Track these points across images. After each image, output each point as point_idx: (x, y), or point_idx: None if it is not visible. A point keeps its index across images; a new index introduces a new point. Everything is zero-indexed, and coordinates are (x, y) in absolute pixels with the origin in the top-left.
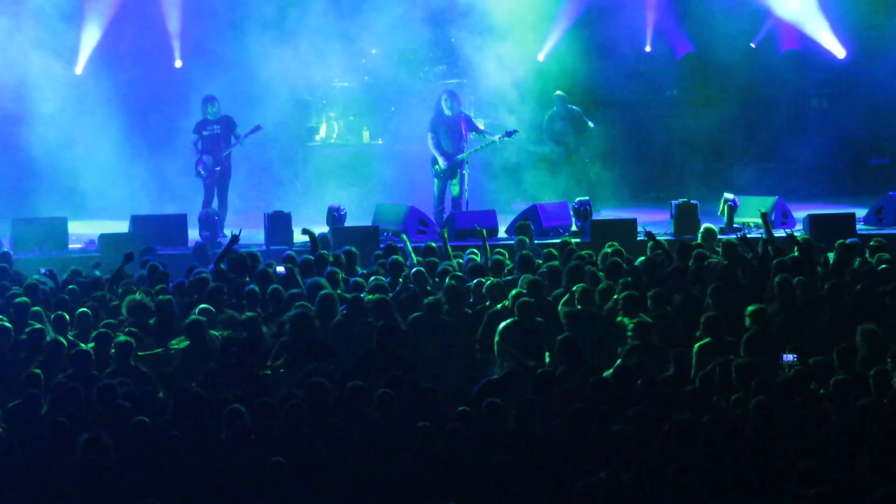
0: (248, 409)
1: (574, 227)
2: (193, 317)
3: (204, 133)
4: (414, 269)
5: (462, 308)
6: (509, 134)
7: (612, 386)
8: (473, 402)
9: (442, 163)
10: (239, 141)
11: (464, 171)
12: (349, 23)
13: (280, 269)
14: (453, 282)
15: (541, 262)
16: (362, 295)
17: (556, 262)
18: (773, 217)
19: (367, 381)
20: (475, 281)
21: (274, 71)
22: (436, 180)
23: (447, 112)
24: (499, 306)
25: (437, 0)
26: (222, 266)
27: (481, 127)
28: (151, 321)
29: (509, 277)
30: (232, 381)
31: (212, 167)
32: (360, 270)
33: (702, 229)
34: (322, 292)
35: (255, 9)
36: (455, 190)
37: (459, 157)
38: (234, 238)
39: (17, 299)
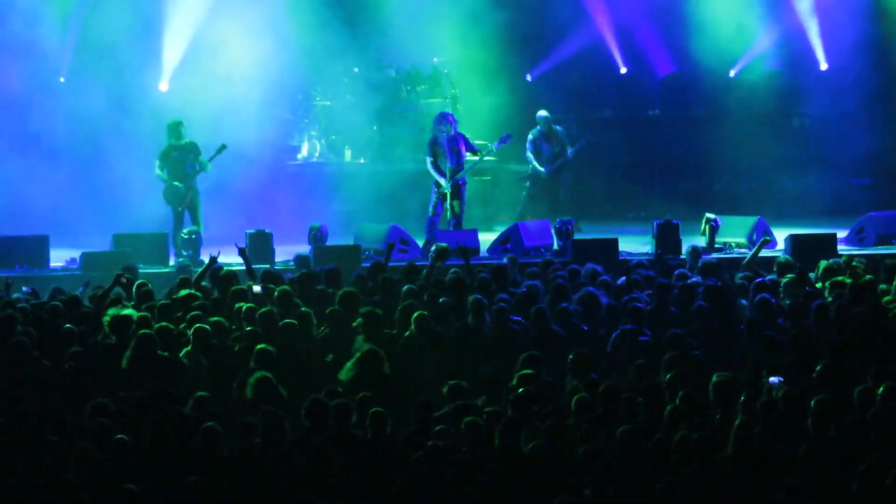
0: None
1: (556, 247)
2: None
3: (171, 160)
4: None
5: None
6: (503, 140)
7: (597, 404)
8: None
9: (445, 184)
10: (202, 168)
11: (464, 190)
12: (332, 41)
13: (256, 288)
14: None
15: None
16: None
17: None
18: (754, 237)
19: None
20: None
21: (255, 89)
22: (434, 198)
23: (443, 133)
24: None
25: (420, 20)
26: (203, 284)
27: (478, 144)
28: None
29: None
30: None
31: (184, 193)
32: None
33: (688, 249)
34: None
35: (238, 28)
36: (457, 207)
37: (457, 175)
38: (213, 260)
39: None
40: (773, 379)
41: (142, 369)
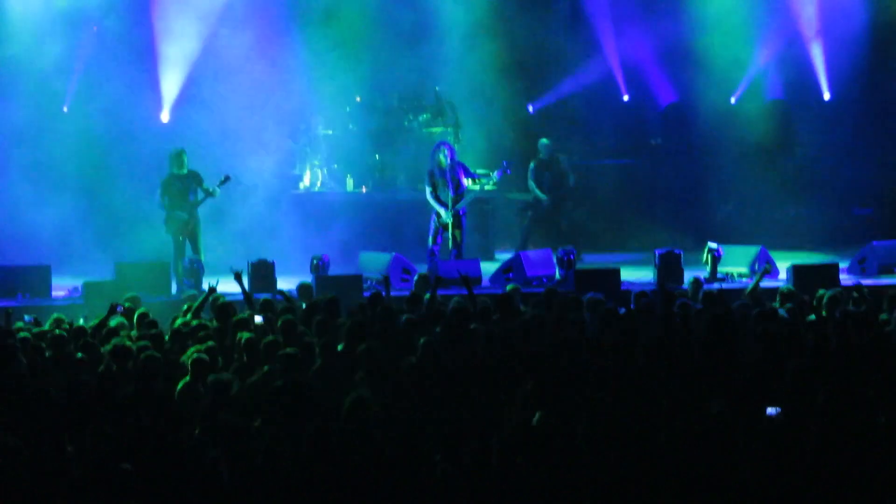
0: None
1: (558, 276)
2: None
3: (173, 189)
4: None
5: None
6: (503, 170)
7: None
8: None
9: (444, 215)
10: (209, 195)
11: (465, 220)
12: (334, 70)
13: (258, 318)
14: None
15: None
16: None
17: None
18: (756, 266)
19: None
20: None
21: (258, 118)
22: (434, 228)
23: (443, 164)
24: None
25: (421, 46)
26: (202, 316)
27: (478, 172)
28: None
29: None
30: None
31: (185, 222)
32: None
33: (690, 279)
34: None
35: (238, 56)
36: (458, 237)
37: (458, 205)
38: (212, 290)
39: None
40: (770, 410)
41: (141, 401)
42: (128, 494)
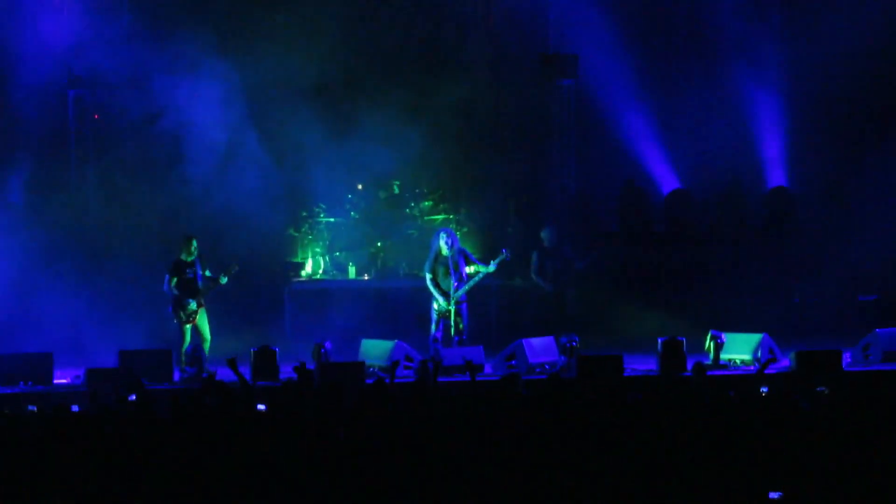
0: None
1: (560, 363)
2: None
3: (183, 276)
4: None
5: None
6: (502, 259)
7: None
8: None
9: (442, 303)
10: (217, 283)
11: (465, 307)
12: (336, 158)
13: (261, 406)
14: None
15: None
16: None
17: None
18: (759, 353)
19: None
20: None
21: (261, 206)
22: (436, 316)
23: (445, 252)
24: None
25: (421, 133)
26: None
27: (476, 257)
28: None
29: None
30: None
31: (193, 309)
32: None
33: (693, 365)
34: None
35: (237, 142)
36: (461, 324)
37: (458, 293)
38: (211, 376)
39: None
40: (773, 494)
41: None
42: None
